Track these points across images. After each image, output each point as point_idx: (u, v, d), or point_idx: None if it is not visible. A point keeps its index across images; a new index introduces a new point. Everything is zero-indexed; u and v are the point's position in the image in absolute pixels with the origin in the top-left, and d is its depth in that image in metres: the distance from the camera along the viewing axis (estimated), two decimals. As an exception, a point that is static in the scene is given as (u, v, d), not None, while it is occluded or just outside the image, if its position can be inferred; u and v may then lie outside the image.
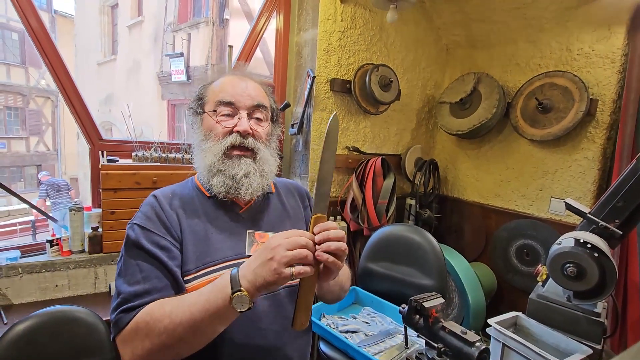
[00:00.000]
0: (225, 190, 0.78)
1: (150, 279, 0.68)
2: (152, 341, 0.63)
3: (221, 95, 0.81)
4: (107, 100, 9.03)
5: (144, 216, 0.75)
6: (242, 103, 0.81)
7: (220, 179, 0.78)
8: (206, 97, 0.84)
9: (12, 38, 11.48)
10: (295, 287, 0.83)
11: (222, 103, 0.80)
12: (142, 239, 0.71)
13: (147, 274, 0.69)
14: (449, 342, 0.86)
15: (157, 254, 0.70)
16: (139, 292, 0.67)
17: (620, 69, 1.75)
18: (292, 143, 2.15)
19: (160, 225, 0.74)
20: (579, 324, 1.05)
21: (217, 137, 0.79)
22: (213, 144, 0.79)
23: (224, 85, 0.83)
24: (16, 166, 11.68)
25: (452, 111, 2.29)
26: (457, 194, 2.51)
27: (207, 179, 0.80)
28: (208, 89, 0.85)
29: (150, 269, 0.69)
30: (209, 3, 6.52)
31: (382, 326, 1.37)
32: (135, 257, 0.71)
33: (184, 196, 0.82)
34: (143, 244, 0.70)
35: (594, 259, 0.99)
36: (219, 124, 0.80)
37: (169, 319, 0.63)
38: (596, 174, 1.85)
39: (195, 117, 0.85)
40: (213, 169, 0.79)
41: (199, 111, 0.84)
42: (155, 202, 0.78)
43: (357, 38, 2.04)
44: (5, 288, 1.42)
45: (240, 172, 0.78)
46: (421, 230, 1.62)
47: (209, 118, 0.81)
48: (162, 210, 0.76)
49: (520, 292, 2.12)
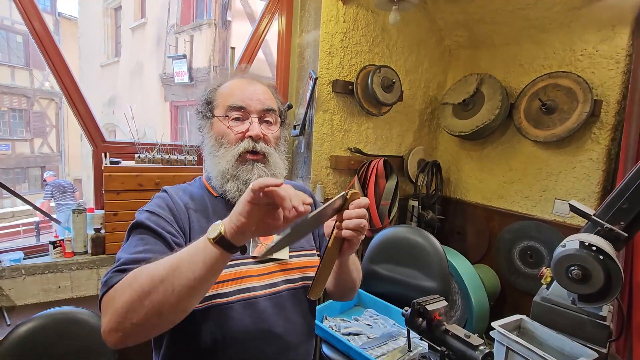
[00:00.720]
0: (239, 195, 0.79)
1: (152, 251, 0.67)
2: (133, 289, 0.57)
3: (232, 100, 0.81)
4: (110, 102, 9.08)
5: (154, 205, 0.76)
6: (253, 107, 0.81)
7: (234, 184, 0.79)
8: (215, 100, 0.84)
9: (16, 41, 11.57)
10: (298, 289, 0.83)
11: (233, 108, 0.80)
12: (149, 221, 0.71)
13: (150, 247, 0.68)
14: (452, 346, 0.85)
15: (162, 233, 0.70)
16: (138, 258, 0.64)
17: (624, 70, 1.74)
18: (294, 144, 2.15)
19: (169, 214, 0.75)
20: (584, 327, 1.04)
21: (229, 143, 0.80)
22: (226, 151, 0.80)
23: (233, 89, 0.83)
24: (20, 168, 11.76)
25: (455, 112, 2.29)
26: (460, 195, 2.50)
27: (221, 184, 0.81)
28: (217, 93, 0.85)
29: (155, 242, 0.69)
30: (212, 5, 6.55)
31: (385, 329, 1.36)
32: (140, 233, 0.70)
33: (193, 194, 0.83)
34: (149, 224, 0.70)
35: (599, 262, 0.98)
36: (230, 130, 0.80)
37: (153, 265, 0.60)
38: (601, 176, 1.84)
39: (205, 121, 0.85)
40: (227, 175, 0.79)
41: (209, 115, 0.84)
42: (167, 195, 0.79)
43: (360, 39, 2.04)
44: (9, 289, 1.42)
45: (254, 178, 0.79)
46: (424, 232, 1.62)
47: (219, 123, 0.81)
48: (172, 202, 0.77)
49: (524, 295, 2.11)
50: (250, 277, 0.77)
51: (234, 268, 0.76)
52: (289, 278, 0.82)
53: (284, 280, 0.81)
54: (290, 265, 0.83)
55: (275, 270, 0.81)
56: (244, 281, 0.76)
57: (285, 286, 0.81)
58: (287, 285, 0.81)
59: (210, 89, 0.87)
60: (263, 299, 0.77)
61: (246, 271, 0.78)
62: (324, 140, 2.02)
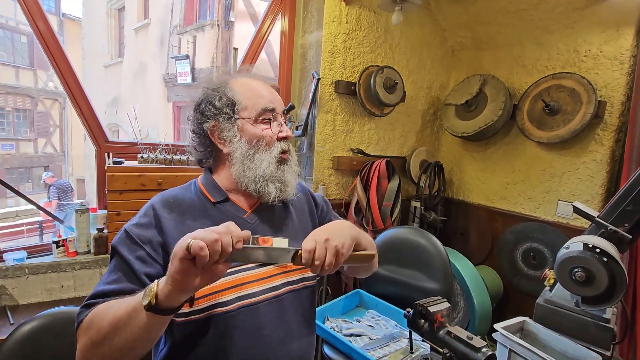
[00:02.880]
0: (278, 195, 0.81)
1: (121, 282, 0.68)
2: (87, 336, 0.62)
3: (264, 102, 0.81)
4: (113, 102, 9.12)
5: (135, 222, 0.75)
6: (279, 108, 0.84)
7: (276, 185, 0.81)
8: (241, 102, 0.80)
9: (20, 41, 11.64)
10: (299, 290, 0.83)
11: (268, 110, 0.82)
12: (121, 246, 0.71)
13: (119, 277, 0.69)
14: (454, 348, 0.85)
15: (130, 261, 0.70)
16: (106, 291, 0.67)
17: (629, 71, 1.73)
18: (297, 145, 2.15)
19: (148, 233, 0.73)
20: (587, 329, 1.03)
21: (268, 146, 0.81)
22: (265, 154, 0.81)
23: (259, 90, 0.83)
24: (24, 167, 11.83)
25: (458, 113, 2.28)
26: (463, 196, 2.49)
27: (260, 186, 0.80)
28: (236, 93, 0.81)
29: (123, 275, 0.70)
30: (215, 6, 6.57)
31: (387, 330, 1.36)
32: (115, 260, 0.72)
33: (185, 201, 0.80)
34: (121, 251, 0.71)
35: (603, 264, 0.97)
36: (266, 132, 0.81)
37: (102, 314, 0.62)
38: (604, 177, 1.83)
39: (228, 124, 0.80)
40: (267, 177, 0.80)
41: (235, 117, 0.80)
42: (151, 210, 0.77)
43: (362, 40, 2.04)
44: (12, 288, 1.43)
45: (289, 176, 0.83)
46: (426, 233, 1.61)
47: (250, 126, 0.80)
48: (157, 217, 0.75)
49: (527, 296, 2.10)
50: (251, 282, 0.77)
51: (234, 275, 0.75)
52: (289, 280, 0.82)
53: (285, 283, 0.81)
54: (290, 267, 0.82)
55: (276, 273, 0.80)
56: (244, 288, 0.75)
57: (286, 288, 0.80)
58: (287, 287, 0.81)
59: (223, 89, 0.82)
60: (264, 304, 0.76)
61: (246, 277, 0.77)
62: (326, 141, 2.02)
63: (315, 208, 0.98)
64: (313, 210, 0.97)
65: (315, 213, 0.97)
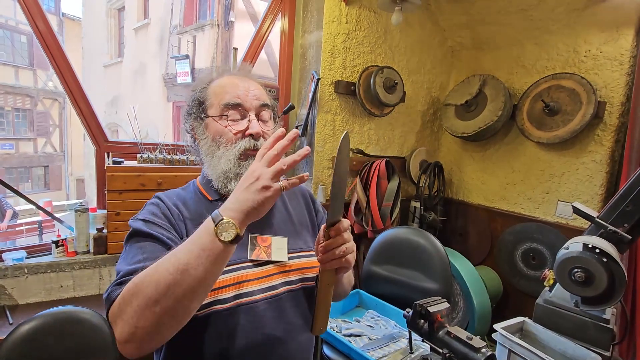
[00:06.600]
0: None
1: (151, 258, 0.62)
2: (139, 299, 0.56)
3: (227, 98, 0.78)
4: (113, 102, 9.12)
5: (148, 212, 0.74)
6: (249, 104, 0.79)
7: (237, 181, 0.77)
8: (208, 100, 0.81)
9: (20, 41, 11.64)
10: (297, 291, 0.83)
11: (230, 106, 0.78)
12: (145, 228, 0.70)
13: (148, 255, 0.65)
14: (454, 348, 0.85)
15: (160, 237, 0.69)
16: (137, 268, 0.61)
17: (628, 71, 1.73)
18: (296, 145, 2.15)
19: (165, 221, 0.73)
20: (587, 330, 1.03)
21: (229, 142, 0.77)
22: (226, 150, 0.77)
23: (226, 86, 0.80)
24: (24, 167, 11.82)
25: (458, 113, 2.28)
26: (462, 196, 2.49)
27: (224, 184, 0.78)
28: (207, 92, 0.81)
29: (153, 249, 0.67)
30: (214, 6, 6.58)
31: (386, 330, 1.36)
32: (137, 242, 0.69)
33: (187, 199, 0.81)
34: (146, 230, 0.69)
35: (603, 264, 0.97)
36: (228, 129, 0.77)
37: (154, 270, 0.57)
38: (604, 177, 1.83)
39: (198, 123, 0.81)
40: (230, 174, 0.77)
41: (202, 116, 0.81)
42: (160, 201, 0.77)
43: (362, 40, 2.04)
44: (11, 288, 1.43)
45: None
46: (426, 233, 1.61)
47: (214, 123, 0.79)
48: (167, 209, 0.76)
49: (527, 297, 2.10)
50: (249, 281, 0.76)
51: (233, 273, 0.75)
52: (287, 280, 0.81)
53: (283, 283, 0.80)
54: (289, 267, 0.82)
55: (274, 272, 0.80)
56: (243, 286, 0.75)
57: (284, 288, 0.80)
58: (286, 287, 0.80)
59: (199, 89, 0.82)
60: (262, 303, 0.76)
61: (245, 275, 0.76)
62: (326, 141, 2.02)
63: (313, 205, 0.98)
64: (309, 202, 0.97)
65: (311, 205, 0.97)
